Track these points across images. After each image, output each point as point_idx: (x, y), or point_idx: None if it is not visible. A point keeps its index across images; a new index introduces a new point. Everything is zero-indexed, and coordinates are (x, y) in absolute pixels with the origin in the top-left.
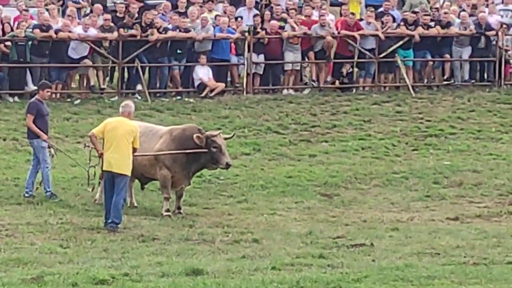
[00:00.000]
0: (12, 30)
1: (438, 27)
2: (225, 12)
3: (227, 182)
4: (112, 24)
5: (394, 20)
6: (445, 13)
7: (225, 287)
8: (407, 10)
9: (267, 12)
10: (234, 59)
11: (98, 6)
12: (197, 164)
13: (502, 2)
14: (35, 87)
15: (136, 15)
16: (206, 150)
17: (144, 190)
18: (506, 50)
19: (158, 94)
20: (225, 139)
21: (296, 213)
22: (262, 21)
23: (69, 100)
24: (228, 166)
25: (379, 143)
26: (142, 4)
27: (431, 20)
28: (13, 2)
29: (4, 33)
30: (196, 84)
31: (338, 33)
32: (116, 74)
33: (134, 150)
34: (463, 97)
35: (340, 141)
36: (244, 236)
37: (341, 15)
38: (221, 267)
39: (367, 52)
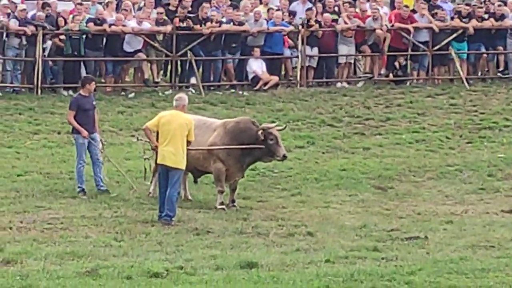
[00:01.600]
0: (66, 23)
1: (492, 19)
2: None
3: (281, 175)
4: (165, 18)
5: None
6: (499, 5)
7: (279, 280)
8: (461, 3)
9: (319, 5)
10: (287, 52)
11: None
12: (252, 157)
13: None
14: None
15: (189, 8)
16: (262, 145)
17: (197, 183)
18: None
19: (211, 87)
20: (278, 130)
21: (350, 206)
22: (316, 14)
23: (123, 93)
24: (284, 157)
25: (433, 135)
26: None
27: (485, 13)
28: None
29: (59, 27)
30: (250, 77)
31: (392, 26)
32: (170, 67)
33: (189, 143)
34: None
35: (394, 134)
36: (298, 229)
37: (394, 7)
38: (275, 260)
39: (421, 45)
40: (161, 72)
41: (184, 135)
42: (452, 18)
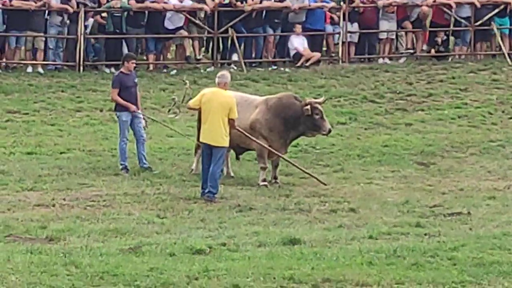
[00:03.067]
0: (108, 1)
1: None
2: None
3: (324, 151)
4: None
5: None
6: None
7: (322, 257)
8: None
9: None
10: (329, 29)
11: None
12: (295, 131)
13: None
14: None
15: None
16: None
17: (239, 160)
18: None
19: (253, 64)
20: (320, 103)
21: (392, 182)
22: None
23: (165, 70)
24: (329, 131)
25: (475, 111)
26: None
27: None
28: None
29: (100, 4)
30: (291, 54)
31: (434, 1)
32: (211, 44)
33: (232, 121)
34: None
35: (436, 110)
36: (340, 206)
37: None
38: (318, 236)
39: (462, 20)
40: (203, 49)
41: (225, 113)
42: None
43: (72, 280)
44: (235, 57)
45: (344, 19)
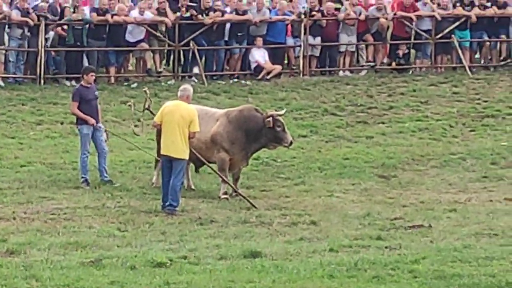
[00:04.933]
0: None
1: (494, 7)
2: None
3: (285, 164)
4: (167, 7)
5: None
6: None
7: (283, 269)
8: None
9: None
10: (290, 41)
11: None
12: (257, 144)
13: None
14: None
15: None
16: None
17: (199, 173)
18: None
19: (214, 77)
20: (280, 115)
21: (353, 195)
22: (320, 3)
23: (126, 83)
24: (291, 144)
25: (436, 124)
26: None
27: (488, 1)
28: None
29: (61, 17)
30: (252, 66)
31: (395, 14)
32: (172, 57)
33: (193, 134)
34: None
35: (397, 123)
36: (301, 218)
37: None
38: (279, 249)
39: (423, 33)
40: (164, 61)
41: (186, 126)
42: (454, 6)
43: None
44: (196, 70)
45: (305, 32)
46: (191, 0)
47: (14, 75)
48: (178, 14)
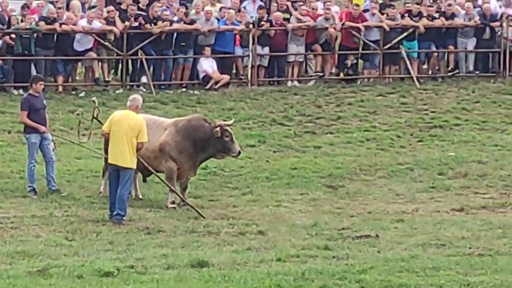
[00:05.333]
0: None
1: (442, 18)
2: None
3: (232, 174)
4: (116, 17)
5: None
6: (449, 4)
7: (230, 279)
8: (410, 2)
9: (274, 4)
10: (238, 51)
11: None
12: (205, 153)
13: None
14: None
15: (142, 6)
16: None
17: (147, 182)
18: (511, 41)
19: (162, 86)
20: (228, 125)
21: (301, 205)
22: (268, 13)
23: (74, 92)
24: (239, 153)
25: (384, 134)
26: None
27: (436, 11)
28: None
29: (9, 26)
30: (200, 76)
31: (343, 24)
32: (120, 66)
33: (141, 144)
34: (467, 88)
35: (345, 133)
36: (249, 228)
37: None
38: (226, 259)
39: (371, 44)
40: (112, 71)
41: (134, 135)
42: (402, 17)
43: None
44: (144, 79)
45: (253, 42)
46: (140, 9)
47: None
48: (127, 23)
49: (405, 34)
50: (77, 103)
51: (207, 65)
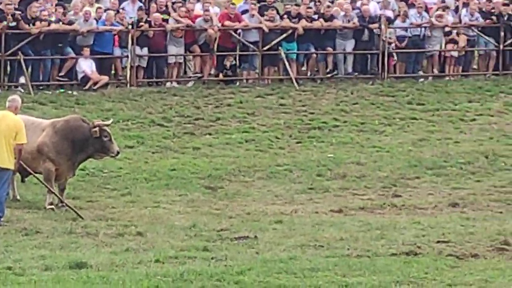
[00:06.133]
0: None
1: (321, 20)
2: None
3: (111, 175)
4: None
5: None
6: (328, 6)
7: (109, 281)
8: (289, 3)
9: (154, 5)
10: (117, 52)
11: None
12: (83, 154)
13: None
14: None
15: (17, 6)
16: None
17: (25, 183)
18: (389, 43)
19: (41, 87)
20: (106, 125)
21: (180, 206)
22: (148, 14)
23: None
24: (118, 153)
25: (262, 135)
26: None
27: (315, 13)
28: None
29: None
30: (79, 77)
31: (222, 25)
32: None
33: (20, 145)
34: (346, 90)
35: (224, 134)
36: (127, 229)
37: None
38: (104, 260)
39: (250, 45)
40: None
41: (12, 136)
42: (281, 18)
43: None
44: (22, 80)
45: (132, 43)
46: (17, 9)
47: None
48: (4, 23)
49: (284, 35)
50: None
51: (86, 65)
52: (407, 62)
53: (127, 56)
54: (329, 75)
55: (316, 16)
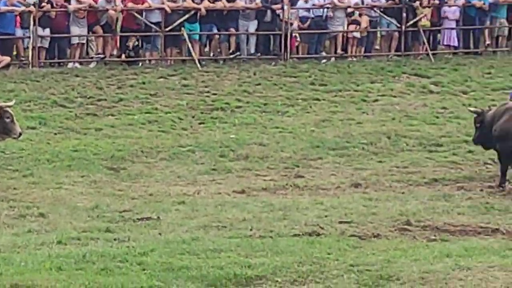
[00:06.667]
0: None
1: (224, 0)
2: None
3: (13, 156)
4: None
5: None
6: None
7: (10, 262)
8: None
9: None
10: (19, 33)
11: None
12: None
13: None
14: None
15: None
16: None
17: None
18: (291, 24)
19: None
20: (8, 107)
21: (82, 187)
22: None
23: None
24: (20, 135)
25: (165, 116)
26: None
27: None
28: None
29: None
30: None
31: (125, 6)
32: None
33: None
34: (249, 71)
35: (126, 115)
36: (30, 211)
37: None
38: (6, 242)
39: (153, 26)
40: None
41: None
42: None
43: None
44: None
45: (34, 24)
46: None
47: None
48: None
49: (186, 16)
50: None
51: None
52: (310, 43)
53: (29, 37)
54: (231, 56)
55: None
